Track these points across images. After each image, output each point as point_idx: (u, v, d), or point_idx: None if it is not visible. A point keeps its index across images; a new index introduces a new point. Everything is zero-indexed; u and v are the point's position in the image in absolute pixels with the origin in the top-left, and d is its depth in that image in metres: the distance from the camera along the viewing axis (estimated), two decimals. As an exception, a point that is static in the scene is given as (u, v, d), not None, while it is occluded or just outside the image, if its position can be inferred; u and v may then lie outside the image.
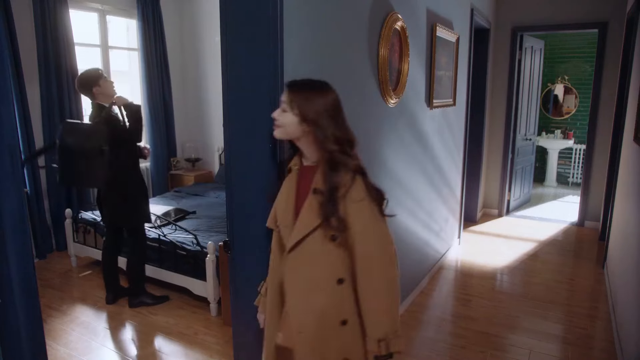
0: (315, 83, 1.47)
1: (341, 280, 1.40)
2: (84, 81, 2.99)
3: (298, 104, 1.39)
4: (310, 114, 1.38)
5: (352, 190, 1.37)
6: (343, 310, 1.41)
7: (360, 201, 1.37)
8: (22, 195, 1.56)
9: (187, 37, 5.83)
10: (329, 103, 1.41)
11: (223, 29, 1.80)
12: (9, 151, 1.49)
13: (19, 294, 1.57)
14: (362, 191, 1.38)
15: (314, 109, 1.38)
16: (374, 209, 1.40)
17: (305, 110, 1.38)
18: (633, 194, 2.90)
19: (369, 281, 1.38)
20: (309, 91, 1.42)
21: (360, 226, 1.37)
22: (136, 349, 2.83)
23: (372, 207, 1.39)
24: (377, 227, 1.40)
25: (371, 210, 1.39)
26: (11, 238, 1.52)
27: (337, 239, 1.38)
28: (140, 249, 3.27)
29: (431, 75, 3.35)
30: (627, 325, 2.58)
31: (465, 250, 4.56)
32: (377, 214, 1.41)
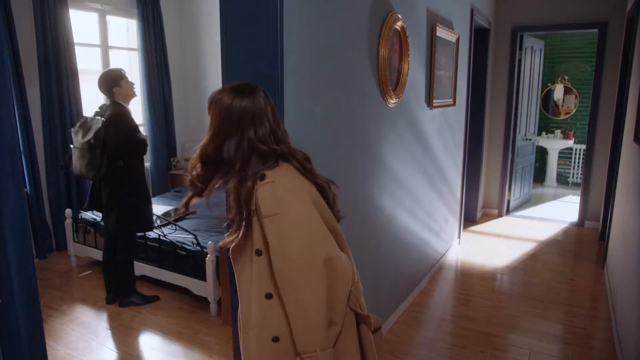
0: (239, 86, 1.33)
1: (269, 295, 1.27)
2: (106, 80, 3.04)
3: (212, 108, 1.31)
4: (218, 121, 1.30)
5: (260, 204, 1.22)
6: (272, 327, 1.28)
7: (272, 216, 1.21)
8: (22, 195, 1.56)
9: (187, 37, 5.83)
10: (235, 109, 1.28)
11: (223, 29, 1.80)
12: (9, 151, 1.49)
13: (19, 294, 1.57)
14: (272, 204, 1.21)
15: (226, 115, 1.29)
16: (290, 222, 1.22)
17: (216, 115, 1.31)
18: (633, 194, 2.90)
19: (287, 299, 1.24)
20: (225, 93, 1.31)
21: (274, 241, 1.22)
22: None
23: (288, 219, 1.22)
24: (292, 243, 1.21)
25: (286, 223, 1.21)
26: (11, 238, 1.52)
27: (261, 254, 1.26)
28: (128, 250, 3.28)
29: (431, 75, 3.35)
30: (627, 325, 2.58)
31: (465, 250, 4.56)
32: (298, 225, 1.22)
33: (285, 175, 1.28)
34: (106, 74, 3.07)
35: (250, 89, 1.31)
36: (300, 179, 1.31)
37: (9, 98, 1.47)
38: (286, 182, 1.26)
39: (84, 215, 4.05)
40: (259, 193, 1.23)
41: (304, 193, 1.28)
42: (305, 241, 1.22)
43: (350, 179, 2.39)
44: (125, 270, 3.30)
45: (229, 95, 1.29)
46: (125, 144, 3.04)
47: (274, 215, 1.21)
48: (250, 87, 1.32)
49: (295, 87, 1.85)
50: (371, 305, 2.72)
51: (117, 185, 3.10)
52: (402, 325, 3.07)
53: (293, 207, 1.23)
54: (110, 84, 3.03)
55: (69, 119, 4.41)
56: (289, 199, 1.24)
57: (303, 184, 1.31)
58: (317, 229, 1.25)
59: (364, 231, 2.56)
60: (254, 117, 1.28)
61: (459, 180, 4.50)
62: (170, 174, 5.72)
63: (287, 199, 1.23)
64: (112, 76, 3.04)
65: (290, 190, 1.26)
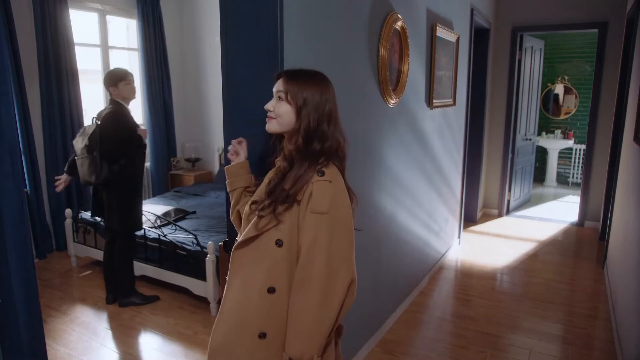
0: (314, 73, 1.37)
1: (272, 290, 1.27)
2: (107, 79, 3.10)
3: (296, 94, 1.30)
4: (308, 106, 1.30)
5: (314, 199, 1.23)
6: (265, 322, 1.27)
7: (321, 214, 1.22)
8: (22, 195, 1.56)
9: (187, 37, 5.83)
10: (329, 96, 1.34)
11: (223, 29, 1.80)
12: (9, 151, 1.49)
13: (19, 294, 1.57)
14: (327, 203, 1.23)
15: (314, 101, 1.30)
16: (335, 226, 1.23)
17: (304, 101, 1.30)
18: (633, 194, 2.90)
19: (301, 298, 1.23)
20: (308, 81, 1.33)
21: (309, 238, 1.22)
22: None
23: (333, 223, 1.23)
24: (331, 247, 1.22)
25: (330, 226, 1.23)
26: (11, 238, 1.52)
27: (282, 245, 1.26)
28: (128, 250, 3.29)
29: (431, 75, 3.35)
30: (627, 325, 2.58)
31: (465, 250, 4.56)
32: (340, 232, 1.24)
33: (339, 178, 1.31)
34: (109, 74, 3.12)
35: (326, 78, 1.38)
36: (344, 185, 1.34)
37: (9, 98, 1.47)
38: (340, 185, 1.30)
39: (84, 215, 4.05)
40: (314, 187, 1.24)
41: (347, 194, 1.32)
42: (343, 250, 1.25)
43: (350, 179, 2.37)
44: (125, 271, 3.30)
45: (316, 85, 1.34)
46: (123, 142, 3.04)
47: (323, 213, 1.23)
48: (325, 77, 1.39)
49: (295, 87, 1.85)
50: (371, 305, 2.73)
51: (118, 186, 3.11)
52: (402, 325, 3.07)
53: (342, 213, 1.26)
54: (110, 83, 3.08)
55: (69, 119, 4.42)
56: (341, 204, 1.27)
57: (346, 189, 1.34)
58: (352, 235, 1.29)
59: (363, 231, 2.56)
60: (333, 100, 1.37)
61: (459, 180, 4.50)
62: (170, 174, 5.72)
63: (340, 203, 1.26)
64: (113, 76, 3.09)
65: (342, 193, 1.29)
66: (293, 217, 1.26)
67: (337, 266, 1.23)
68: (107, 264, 3.34)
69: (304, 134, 1.30)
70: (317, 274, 1.22)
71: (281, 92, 1.33)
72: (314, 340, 1.22)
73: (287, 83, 1.33)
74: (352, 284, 1.26)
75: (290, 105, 1.31)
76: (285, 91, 1.32)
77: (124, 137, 3.05)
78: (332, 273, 1.22)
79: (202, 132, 5.97)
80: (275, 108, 1.34)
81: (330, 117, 1.34)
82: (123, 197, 3.14)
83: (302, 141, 1.31)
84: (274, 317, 1.27)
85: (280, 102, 1.33)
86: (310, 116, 1.30)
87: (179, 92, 5.84)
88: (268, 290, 1.27)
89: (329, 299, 1.22)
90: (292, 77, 1.34)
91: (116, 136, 3.02)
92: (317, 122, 1.31)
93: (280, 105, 1.33)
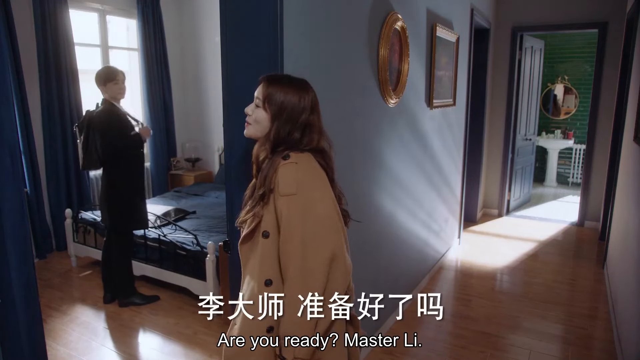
0: (294, 80, 1.37)
1: (268, 282, 1.27)
2: (96, 78, 3.07)
3: (272, 101, 1.31)
4: (283, 114, 1.30)
5: (280, 182, 1.23)
6: (269, 317, 1.27)
7: (289, 195, 1.22)
8: (22, 195, 1.56)
9: (187, 37, 5.83)
10: (306, 104, 1.32)
11: (223, 29, 1.80)
12: (9, 151, 1.50)
13: (19, 294, 1.57)
14: (293, 183, 1.22)
15: (289, 109, 1.30)
16: (306, 205, 1.22)
17: (279, 108, 1.30)
18: (633, 194, 2.90)
19: (287, 281, 1.24)
20: (286, 88, 1.32)
21: (286, 221, 1.22)
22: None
23: (304, 202, 1.22)
24: (304, 226, 1.21)
25: (301, 205, 1.22)
26: (11, 238, 1.52)
27: (268, 236, 1.26)
28: (124, 250, 3.28)
29: (431, 75, 3.35)
30: (627, 325, 2.58)
31: (465, 250, 4.56)
32: (313, 211, 1.23)
33: (307, 159, 1.30)
34: (98, 73, 3.07)
35: (309, 86, 1.37)
36: (320, 170, 1.32)
37: (9, 98, 1.48)
38: (308, 166, 1.29)
39: (84, 215, 4.05)
40: (279, 171, 1.25)
41: (324, 179, 1.30)
42: (317, 226, 1.23)
43: (350, 179, 2.38)
44: (123, 271, 3.29)
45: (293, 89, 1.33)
46: (108, 146, 2.99)
47: (292, 195, 1.22)
48: (308, 84, 1.38)
49: (295, 87, 1.85)
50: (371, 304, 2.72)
51: (110, 183, 3.11)
52: (402, 325, 3.07)
53: (312, 189, 1.25)
54: (98, 82, 3.05)
55: (69, 119, 4.41)
56: (309, 181, 1.25)
57: (323, 175, 1.32)
58: (332, 217, 1.26)
59: (363, 231, 2.56)
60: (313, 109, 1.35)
61: (459, 180, 4.50)
62: (170, 174, 5.72)
63: (307, 180, 1.25)
64: (102, 76, 3.04)
65: (312, 174, 1.28)
66: (271, 207, 1.27)
67: (312, 243, 1.21)
68: (105, 264, 3.34)
69: (272, 142, 1.31)
70: (293, 253, 1.22)
71: (258, 99, 1.34)
72: (298, 321, 1.21)
73: (265, 89, 1.33)
74: (334, 261, 1.23)
75: (266, 113, 1.32)
76: (263, 98, 1.33)
77: (108, 140, 2.99)
78: (307, 251, 1.21)
79: (202, 132, 5.97)
80: (253, 113, 1.35)
81: (306, 126, 1.32)
82: (113, 195, 3.12)
83: (270, 150, 1.32)
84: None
85: (257, 108, 1.34)
86: (282, 127, 1.30)
87: (179, 92, 5.83)
88: (265, 283, 1.28)
89: (308, 277, 1.21)
90: (271, 83, 1.34)
91: (102, 140, 2.97)
92: (288, 132, 1.31)
93: (258, 112, 1.34)
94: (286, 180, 1.23)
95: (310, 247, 1.22)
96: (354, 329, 1.40)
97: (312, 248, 1.22)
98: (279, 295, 1.26)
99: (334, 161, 1.40)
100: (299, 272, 1.21)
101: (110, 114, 3.03)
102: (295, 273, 1.22)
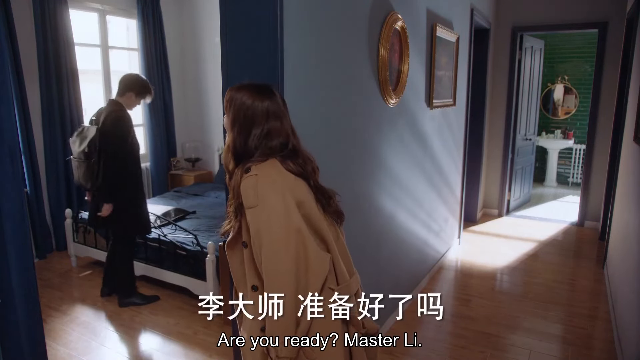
0: (256, 85, 1.37)
1: (255, 288, 1.33)
2: (133, 83, 3.04)
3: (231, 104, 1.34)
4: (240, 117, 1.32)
5: (244, 196, 1.27)
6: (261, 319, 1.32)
7: (253, 207, 1.26)
8: (22, 195, 1.56)
9: (187, 37, 5.83)
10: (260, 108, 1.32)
11: (223, 30, 1.80)
12: (9, 151, 1.49)
13: (19, 294, 1.57)
14: (254, 196, 1.26)
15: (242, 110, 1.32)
16: (268, 215, 1.25)
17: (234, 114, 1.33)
18: (633, 194, 2.90)
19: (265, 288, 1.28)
20: (244, 91, 1.34)
21: (253, 232, 1.27)
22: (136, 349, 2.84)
23: (266, 212, 1.26)
24: (270, 235, 1.25)
25: (263, 216, 1.25)
26: (11, 238, 1.52)
27: (247, 246, 1.32)
28: (128, 253, 3.29)
29: (431, 75, 3.35)
30: (627, 325, 2.58)
31: (465, 250, 4.56)
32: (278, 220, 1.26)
33: (268, 169, 1.30)
34: (136, 78, 3.08)
35: (270, 91, 1.36)
36: (284, 175, 1.32)
37: (9, 98, 1.48)
38: (268, 176, 1.29)
39: (84, 215, 4.05)
40: (242, 185, 1.28)
41: (284, 188, 1.30)
42: (278, 234, 1.26)
43: (350, 179, 2.38)
44: (125, 271, 3.30)
45: (250, 95, 1.33)
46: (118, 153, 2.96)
47: (254, 207, 1.26)
48: (269, 89, 1.37)
49: (295, 88, 1.85)
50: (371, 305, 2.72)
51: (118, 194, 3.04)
52: (402, 325, 3.07)
53: (271, 199, 1.27)
54: (133, 89, 3.02)
55: (69, 119, 4.41)
56: (268, 192, 1.27)
57: (287, 180, 1.32)
58: (290, 224, 1.28)
59: (364, 231, 2.56)
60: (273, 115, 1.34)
61: (459, 180, 4.50)
62: (170, 174, 5.72)
63: (266, 192, 1.27)
64: (139, 84, 3.04)
65: (271, 184, 1.29)
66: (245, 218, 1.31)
67: (279, 254, 1.26)
68: (109, 262, 3.37)
69: (232, 153, 1.34)
70: (265, 265, 1.26)
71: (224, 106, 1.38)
72: (276, 324, 1.25)
73: (227, 95, 1.36)
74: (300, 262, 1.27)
75: (228, 119, 1.35)
76: (225, 103, 1.37)
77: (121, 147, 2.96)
78: (275, 262, 1.26)
79: (202, 132, 5.97)
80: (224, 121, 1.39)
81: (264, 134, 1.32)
82: (123, 205, 3.08)
83: (232, 159, 1.34)
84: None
85: (224, 116, 1.38)
86: (237, 137, 1.32)
87: (179, 92, 5.83)
88: (252, 288, 1.33)
89: (276, 281, 1.25)
90: (233, 89, 1.36)
91: (114, 148, 2.93)
92: (244, 143, 1.32)
93: (225, 119, 1.38)
94: (248, 193, 1.27)
95: (274, 254, 1.26)
96: (355, 329, 1.40)
97: (277, 257, 1.26)
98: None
99: (313, 160, 1.41)
100: (267, 279, 1.26)
101: (122, 119, 2.97)
102: (266, 281, 1.26)
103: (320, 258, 1.31)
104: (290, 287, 1.26)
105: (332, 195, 1.42)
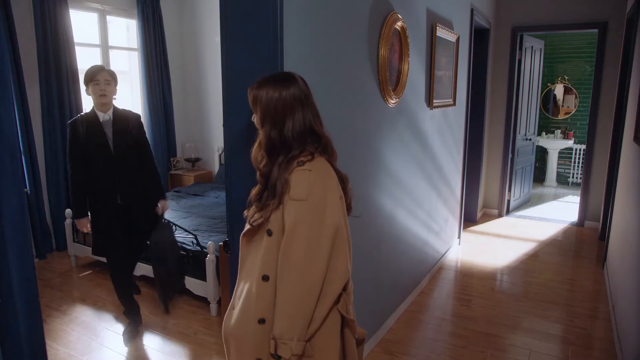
0: (276, 76, 1.37)
1: (266, 277, 1.31)
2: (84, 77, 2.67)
3: (255, 103, 1.34)
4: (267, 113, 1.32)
5: (292, 187, 1.27)
6: (262, 308, 1.32)
7: (299, 201, 1.26)
8: (22, 195, 1.56)
9: (187, 37, 5.83)
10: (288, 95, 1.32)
11: (223, 29, 1.80)
12: (9, 151, 1.49)
13: (19, 294, 1.57)
14: (304, 190, 1.26)
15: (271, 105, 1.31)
16: (314, 212, 1.26)
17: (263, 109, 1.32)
18: (633, 194, 2.90)
19: (283, 281, 1.27)
20: (267, 85, 1.33)
21: (290, 225, 1.26)
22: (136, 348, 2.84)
23: (312, 209, 1.26)
24: (310, 232, 1.25)
25: (309, 212, 1.26)
26: (11, 238, 1.52)
27: (272, 234, 1.30)
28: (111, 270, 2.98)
29: (431, 75, 3.35)
30: (627, 325, 2.58)
31: (465, 251, 4.56)
32: (320, 219, 1.27)
33: (321, 167, 1.32)
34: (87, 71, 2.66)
35: (290, 77, 1.36)
36: (333, 176, 1.35)
37: (9, 98, 1.48)
38: (321, 175, 1.31)
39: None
40: (293, 176, 1.28)
41: (335, 187, 1.33)
42: (321, 236, 1.26)
43: (350, 179, 2.38)
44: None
45: (273, 88, 1.33)
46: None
47: (301, 200, 1.26)
48: (289, 76, 1.37)
49: (295, 87, 1.84)
50: (371, 305, 2.73)
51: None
52: (402, 325, 3.07)
53: (322, 198, 1.28)
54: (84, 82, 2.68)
55: (68, 119, 4.40)
56: (320, 190, 1.28)
57: (335, 180, 1.35)
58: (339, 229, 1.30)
59: (363, 231, 2.56)
60: (300, 101, 1.34)
61: (459, 180, 4.50)
62: (170, 174, 5.72)
63: (319, 189, 1.28)
64: (85, 75, 2.64)
65: (324, 183, 1.31)
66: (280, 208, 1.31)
67: (315, 251, 1.25)
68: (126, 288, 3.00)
69: (265, 147, 1.33)
70: (295, 258, 1.25)
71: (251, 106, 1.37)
72: (294, 321, 1.25)
73: (251, 94, 1.36)
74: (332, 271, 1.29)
75: (257, 116, 1.35)
76: (251, 102, 1.36)
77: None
78: (310, 257, 1.25)
79: (202, 132, 5.97)
80: (255, 120, 1.38)
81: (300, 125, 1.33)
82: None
83: (266, 154, 1.34)
84: (269, 303, 1.32)
85: (254, 115, 1.38)
86: (270, 131, 1.32)
87: (179, 92, 5.84)
88: (262, 278, 1.32)
89: (306, 282, 1.25)
90: (254, 87, 1.36)
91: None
92: (279, 136, 1.31)
93: (255, 118, 1.38)
94: (298, 186, 1.27)
95: (314, 255, 1.26)
96: (350, 331, 1.42)
97: (314, 257, 1.26)
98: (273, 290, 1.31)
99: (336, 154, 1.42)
100: (295, 273, 1.25)
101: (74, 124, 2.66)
102: (292, 275, 1.25)
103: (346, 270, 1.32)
104: (316, 291, 1.26)
105: (345, 180, 1.43)
